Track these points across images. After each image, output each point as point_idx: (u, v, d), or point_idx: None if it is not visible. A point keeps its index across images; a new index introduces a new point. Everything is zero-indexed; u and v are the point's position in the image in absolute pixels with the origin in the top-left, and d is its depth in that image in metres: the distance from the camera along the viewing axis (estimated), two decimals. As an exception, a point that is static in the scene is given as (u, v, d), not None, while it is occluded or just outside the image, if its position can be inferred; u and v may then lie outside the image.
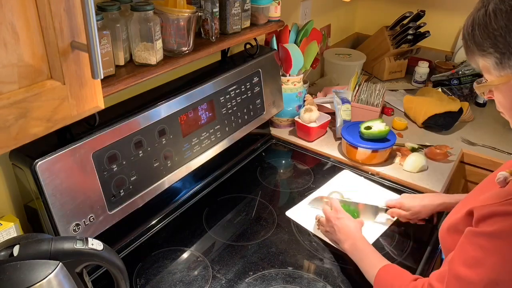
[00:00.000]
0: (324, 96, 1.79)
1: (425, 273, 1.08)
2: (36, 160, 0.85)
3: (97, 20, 0.56)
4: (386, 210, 1.23)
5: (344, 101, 1.62)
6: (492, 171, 1.55)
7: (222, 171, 1.43)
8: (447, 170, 1.46)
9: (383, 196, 1.32)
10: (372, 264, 0.99)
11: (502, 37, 0.70)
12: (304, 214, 1.27)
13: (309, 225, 1.23)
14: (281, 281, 1.05)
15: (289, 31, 1.60)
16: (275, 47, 1.57)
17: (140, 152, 1.05)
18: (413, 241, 1.19)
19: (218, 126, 1.29)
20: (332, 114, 1.65)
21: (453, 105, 1.70)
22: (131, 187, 1.04)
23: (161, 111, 1.09)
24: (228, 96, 1.31)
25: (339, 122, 1.60)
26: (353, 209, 1.24)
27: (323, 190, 1.36)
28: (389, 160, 1.50)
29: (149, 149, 1.07)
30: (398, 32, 2.09)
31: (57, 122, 0.59)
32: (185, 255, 1.12)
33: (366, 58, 2.10)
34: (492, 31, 0.71)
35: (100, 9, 0.91)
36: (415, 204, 1.19)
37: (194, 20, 1.05)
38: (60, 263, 0.71)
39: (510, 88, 0.74)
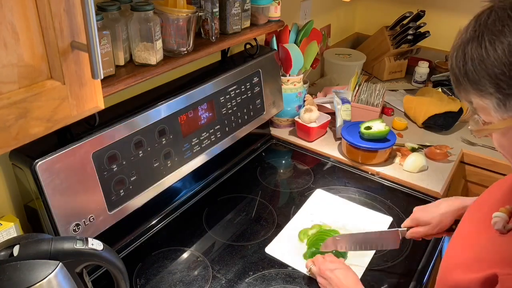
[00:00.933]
0: (324, 96, 1.79)
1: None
2: (36, 160, 0.85)
3: (97, 20, 0.56)
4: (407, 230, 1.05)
5: (344, 101, 1.62)
6: (492, 172, 1.56)
7: (222, 171, 1.43)
8: (447, 170, 1.46)
9: (366, 217, 1.25)
10: None
11: (505, 75, 0.59)
12: (285, 248, 1.14)
13: (291, 260, 1.10)
14: (281, 281, 1.05)
15: (289, 31, 1.60)
16: (275, 47, 1.57)
17: (140, 152, 1.05)
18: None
19: (218, 126, 1.29)
20: (332, 114, 1.65)
21: (453, 105, 1.70)
22: (131, 187, 1.04)
23: (161, 111, 1.09)
24: (228, 96, 1.31)
25: (339, 122, 1.60)
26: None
27: (301, 217, 1.24)
28: (389, 160, 1.50)
29: (149, 149, 1.07)
30: (398, 32, 2.09)
31: (57, 122, 0.59)
32: (185, 255, 1.12)
33: (366, 58, 2.10)
34: (492, 67, 0.59)
35: (100, 9, 0.91)
36: (433, 216, 1.00)
37: (194, 20, 1.05)
38: (60, 263, 0.71)
39: None
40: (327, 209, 1.28)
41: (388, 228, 1.21)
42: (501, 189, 0.81)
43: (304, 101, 1.67)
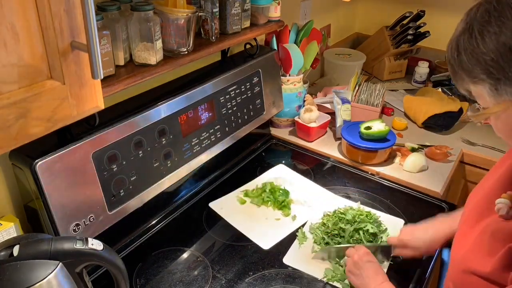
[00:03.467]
0: (324, 96, 1.79)
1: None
2: (36, 160, 0.85)
3: (97, 20, 0.56)
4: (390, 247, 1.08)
5: (344, 101, 1.62)
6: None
7: (222, 171, 1.43)
8: (447, 170, 1.46)
9: (321, 196, 1.33)
10: None
11: (494, 61, 0.64)
12: (228, 207, 1.27)
13: (231, 219, 1.23)
14: (281, 281, 1.05)
15: (289, 31, 1.60)
16: (275, 47, 1.57)
17: (140, 152, 1.05)
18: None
19: (218, 126, 1.29)
20: (332, 114, 1.65)
21: (453, 105, 1.70)
22: (131, 187, 1.04)
23: (161, 111, 1.09)
24: (228, 96, 1.31)
25: (339, 122, 1.60)
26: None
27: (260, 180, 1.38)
28: (389, 160, 1.50)
29: (149, 149, 1.07)
30: (398, 32, 2.09)
31: (57, 122, 0.59)
32: (185, 255, 1.12)
33: (366, 58, 2.10)
34: (482, 55, 0.65)
35: (100, 9, 0.91)
36: (420, 244, 1.03)
37: (194, 20, 1.05)
38: (60, 263, 0.71)
39: (510, 115, 0.68)
40: (288, 180, 1.39)
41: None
42: (497, 174, 0.83)
43: (304, 101, 1.67)
